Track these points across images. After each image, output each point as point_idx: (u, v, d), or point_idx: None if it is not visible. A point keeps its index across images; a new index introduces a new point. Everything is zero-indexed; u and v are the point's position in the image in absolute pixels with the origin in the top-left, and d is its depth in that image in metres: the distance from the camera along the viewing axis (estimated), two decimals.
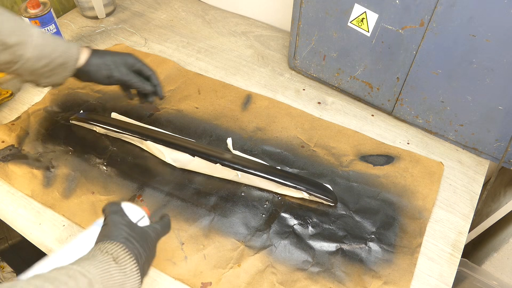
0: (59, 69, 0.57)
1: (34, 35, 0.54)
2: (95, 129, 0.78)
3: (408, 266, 0.62)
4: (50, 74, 0.57)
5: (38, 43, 0.54)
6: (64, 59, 0.56)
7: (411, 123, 0.83)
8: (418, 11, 0.65)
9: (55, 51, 0.55)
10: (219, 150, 0.73)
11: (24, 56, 0.53)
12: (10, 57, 0.52)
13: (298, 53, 0.88)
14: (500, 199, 0.82)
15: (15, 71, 0.55)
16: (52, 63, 0.56)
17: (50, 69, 0.56)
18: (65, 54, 0.56)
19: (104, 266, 0.41)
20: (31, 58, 0.54)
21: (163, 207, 0.69)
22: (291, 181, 0.67)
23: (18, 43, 0.52)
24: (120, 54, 0.64)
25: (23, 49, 0.53)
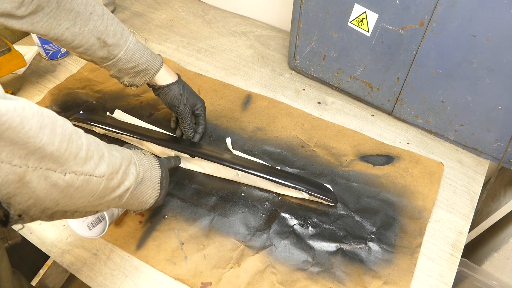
0: (142, 73, 0.66)
1: (129, 41, 0.63)
2: (95, 129, 0.78)
3: (408, 266, 0.62)
4: (133, 76, 0.66)
5: (130, 48, 0.63)
6: (147, 66, 0.65)
7: (411, 123, 0.83)
8: (418, 11, 0.65)
9: (142, 58, 0.65)
10: (219, 150, 0.73)
11: (117, 56, 0.63)
12: (106, 54, 0.62)
13: (298, 53, 0.88)
14: (500, 199, 0.82)
15: (107, 66, 0.65)
16: (137, 67, 0.65)
17: (135, 72, 0.66)
18: (148, 62, 0.65)
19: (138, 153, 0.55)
20: (122, 59, 0.63)
21: (163, 207, 0.69)
22: (290, 181, 0.67)
23: (115, 44, 0.61)
24: (195, 95, 0.74)
25: (118, 50, 0.62)
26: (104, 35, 0.60)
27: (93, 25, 0.59)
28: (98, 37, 0.59)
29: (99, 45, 0.60)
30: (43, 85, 0.90)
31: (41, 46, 0.92)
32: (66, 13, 0.56)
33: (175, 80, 0.70)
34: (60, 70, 0.93)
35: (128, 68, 0.65)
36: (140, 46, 0.65)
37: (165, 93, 0.69)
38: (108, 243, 0.65)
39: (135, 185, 0.50)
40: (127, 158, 0.48)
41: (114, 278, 0.62)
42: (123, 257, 0.64)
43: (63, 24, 0.56)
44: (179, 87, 0.70)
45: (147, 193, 0.55)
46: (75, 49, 0.60)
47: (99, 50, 0.61)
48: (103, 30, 0.59)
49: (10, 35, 0.98)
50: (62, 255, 0.64)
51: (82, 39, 0.59)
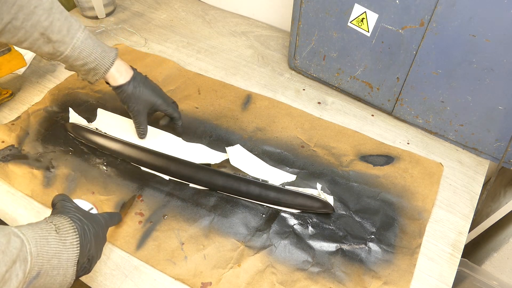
0: (92, 72, 0.64)
1: (76, 38, 0.60)
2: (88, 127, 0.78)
3: (407, 266, 0.62)
4: (85, 73, 0.65)
5: (77, 46, 0.60)
6: (96, 65, 0.63)
7: (411, 123, 0.83)
8: (418, 11, 0.65)
9: (90, 56, 0.62)
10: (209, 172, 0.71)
11: (63, 53, 0.60)
12: (52, 50, 0.60)
13: (298, 53, 0.88)
14: (500, 199, 0.82)
15: (58, 61, 0.63)
16: (86, 65, 0.63)
17: (85, 70, 0.64)
18: (97, 61, 0.63)
19: (43, 233, 0.44)
20: (70, 56, 0.61)
21: (163, 207, 0.69)
22: (283, 205, 0.68)
23: (60, 41, 0.59)
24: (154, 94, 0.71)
25: (64, 47, 0.59)
26: (48, 31, 0.57)
27: (36, 20, 0.56)
28: (41, 33, 0.57)
29: (43, 40, 0.58)
30: (43, 85, 0.90)
31: None
32: (8, 6, 0.53)
33: (127, 81, 0.67)
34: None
35: (78, 66, 0.62)
36: (89, 43, 0.61)
37: (117, 93, 0.68)
38: (108, 243, 0.65)
39: (25, 284, 0.41)
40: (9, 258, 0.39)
41: (114, 278, 0.62)
42: (123, 257, 0.64)
43: (5, 17, 0.54)
44: (130, 87, 0.67)
45: (53, 284, 0.45)
46: (19, 44, 0.58)
47: (44, 45, 0.58)
48: (48, 25, 0.56)
49: None
50: None
51: (24, 34, 0.56)
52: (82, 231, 0.48)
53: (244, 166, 0.72)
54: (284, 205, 0.68)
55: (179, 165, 0.72)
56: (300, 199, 0.68)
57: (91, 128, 0.78)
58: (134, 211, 0.68)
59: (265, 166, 0.74)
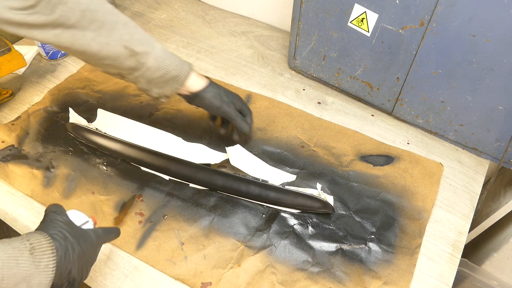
0: (172, 81, 0.63)
1: (156, 48, 0.60)
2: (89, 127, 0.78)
3: (407, 266, 0.62)
4: (163, 85, 0.63)
5: (159, 55, 0.60)
6: (177, 72, 0.63)
7: (411, 123, 0.83)
8: (418, 11, 0.65)
9: (171, 64, 0.62)
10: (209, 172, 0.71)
11: (146, 64, 0.60)
12: (134, 63, 0.59)
13: (298, 53, 0.88)
14: (500, 199, 0.82)
15: (135, 78, 0.62)
16: (167, 74, 0.62)
17: (164, 80, 0.62)
18: (178, 68, 0.62)
19: (14, 252, 0.40)
20: (151, 67, 0.60)
21: (163, 207, 0.69)
22: (283, 205, 0.68)
23: (143, 52, 0.59)
24: (230, 91, 0.71)
25: (146, 58, 0.59)
26: (131, 43, 0.57)
27: (118, 34, 0.57)
28: (125, 46, 0.57)
29: (127, 54, 0.58)
30: (43, 85, 0.90)
31: (41, 46, 0.92)
32: (90, 23, 0.54)
33: (209, 82, 0.67)
34: (60, 70, 0.93)
35: (157, 77, 0.62)
36: (168, 53, 0.62)
37: (202, 97, 0.66)
38: (108, 243, 0.65)
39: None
40: None
41: (114, 278, 0.62)
42: (123, 257, 0.64)
43: (88, 35, 0.54)
44: (214, 87, 0.67)
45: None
46: (102, 61, 0.58)
47: (127, 59, 0.59)
48: (129, 38, 0.57)
49: (10, 35, 0.98)
50: None
51: (109, 49, 0.57)
52: (63, 251, 0.44)
53: (244, 166, 0.72)
54: (284, 205, 0.68)
55: (179, 165, 0.72)
56: (300, 199, 0.68)
57: (91, 128, 0.78)
58: (134, 211, 0.68)
59: (265, 166, 0.73)
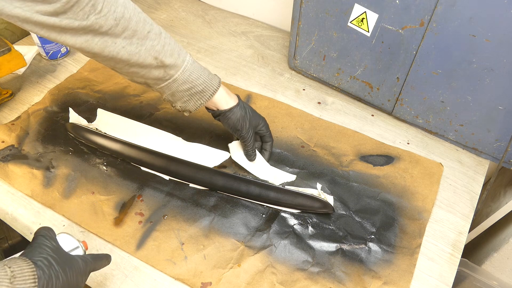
0: (197, 95, 0.62)
1: (186, 61, 0.60)
2: (89, 127, 0.78)
3: (407, 266, 0.62)
4: (188, 99, 0.62)
5: (187, 68, 0.60)
6: (204, 87, 0.61)
7: (411, 123, 0.83)
8: (418, 11, 0.65)
9: (199, 78, 0.61)
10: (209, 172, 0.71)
11: (173, 76, 0.59)
12: (162, 74, 0.59)
13: (298, 53, 0.88)
14: (500, 199, 0.82)
15: (160, 88, 0.61)
16: (193, 88, 0.61)
17: (190, 94, 0.61)
18: (206, 83, 0.61)
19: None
20: (178, 79, 0.59)
21: (163, 207, 0.69)
22: (283, 205, 0.68)
23: (172, 64, 0.58)
24: (257, 115, 0.70)
25: (175, 70, 0.59)
26: (162, 54, 0.56)
27: (150, 44, 0.56)
28: (155, 57, 0.56)
29: (156, 64, 0.57)
30: (43, 85, 0.90)
31: (41, 46, 0.92)
32: (123, 31, 0.53)
33: (237, 103, 0.65)
34: (60, 70, 0.93)
35: (183, 90, 0.61)
36: (197, 66, 0.61)
37: (227, 117, 0.65)
38: (108, 243, 0.65)
39: None
40: None
41: (114, 278, 0.62)
42: (123, 257, 0.64)
43: (119, 42, 0.53)
44: (241, 110, 0.65)
45: None
46: (130, 68, 0.57)
47: (155, 70, 0.58)
48: (160, 49, 0.56)
49: (10, 35, 0.98)
50: None
51: (138, 59, 0.55)
52: (46, 280, 0.42)
53: (244, 162, 0.72)
54: (284, 205, 0.68)
55: (179, 165, 0.72)
56: (300, 199, 0.68)
57: (91, 128, 0.78)
58: (134, 211, 0.68)
59: (265, 164, 0.73)
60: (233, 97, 0.66)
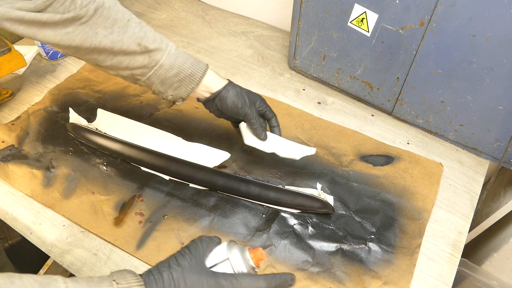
0: (187, 80, 0.60)
1: (169, 46, 0.59)
2: (90, 127, 0.78)
3: (407, 266, 0.62)
4: (178, 85, 0.61)
5: (172, 53, 0.59)
6: (192, 70, 0.60)
7: (411, 123, 0.83)
8: (418, 11, 0.65)
9: (186, 62, 0.60)
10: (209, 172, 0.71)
11: (159, 61, 0.58)
12: (147, 60, 0.58)
13: (298, 53, 0.88)
14: (500, 199, 0.82)
15: (148, 79, 0.60)
16: (181, 73, 0.60)
17: (179, 79, 0.60)
18: (193, 66, 0.60)
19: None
20: (165, 64, 0.58)
21: (163, 207, 0.69)
22: (283, 205, 0.68)
23: (157, 49, 0.58)
24: (252, 92, 0.67)
25: (160, 55, 0.58)
26: (144, 40, 0.56)
27: (132, 32, 0.56)
28: (138, 43, 0.56)
29: (140, 51, 0.57)
30: (43, 85, 0.90)
31: (41, 46, 0.92)
32: (103, 20, 0.53)
33: (228, 81, 0.64)
34: (60, 70, 0.94)
35: (171, 76, 0.59)
36: (181, 52, 0.61)
37: (223, 98, 0.63)
38: (108, 243, 0.65)
39: None
40: None
41: None
42: (123, 257, 0.64)
43: (100, 32, 0.53)
44: (235, 87, 0.64)
45: None
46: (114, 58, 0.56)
47: (140, 56, 0.57)
48: (143, 35, 0.56)
49: (10, 35, 0.98)
50: (62, 255, 0.64)
51: (122, 45, 0.55)
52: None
53: (259, 144, 0.67)
54: (284, 205, 0.68)
55: (179, 165, 0.72)
56: (300, 199, 0.68)
57: (91, 128, 0.78)
58: (134, 211, 0.68)
59: (280, 139, 0.69)
60: (223, 78, 0.64)
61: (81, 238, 0.65)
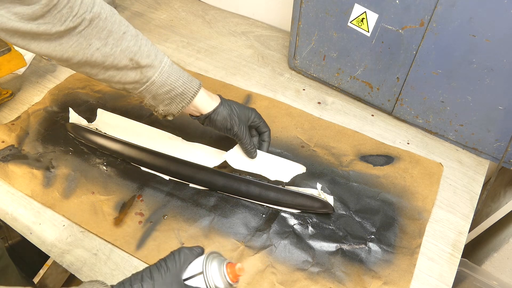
0: (178, 98, 0.60)
1: (163, 62, 0.58)
2: (90, 127, 0.78)
3: (407, 266, 0.62)
4: (169, 102, 0.60)
5: (165, 70, 0.58)
6: (184, 89, 0.59)
7: (411, 123, 0.83)
8: (418, 11, 0.65)
9: (178, 80, 0.59)
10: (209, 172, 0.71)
11: (151, 78, 0.57)
12: (139, 76, 0.57)
13: (298, 53, 0.88)
14: (500, 199, 0.82)
15: (140, 93, 0.59)
16: (173, 91, 0.59)
17: (171, 97, 0.59)
18: (185, 85, 0.59)
19: None
20: (156, 81, 0.58)
21: (163, 207, 0.69)
22: (283, 205, 0.68)
23: (149, 65, 0.56)
24: (245, 108, 0.66)
25: (152, 71, 0.57)
26: (138, 55, 0.55)
27: (126, 45, 0.54)
28: (130, 58, 0.55)
29: (131, 66, 0.56)
30: (43, 85, 0.90)
31: None
32: (98, 31, 0.52)
33: (219, 102, 0.63)
34: (60, 70, 0.94)
35: (163, 93, 0.59)
36: (176, 68, 0.59)
37: (213, 120, 0.63)
38: (108, 243, 0.65)
39: None
40: None
41: (114, 278, 0.61)
42: (123, 257, 0.64)
43: (94, 43, 0.52)
44: (226, 108, 0.63)
45: None
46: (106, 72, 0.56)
47: (131, 72, 0.56)
48: (137, 50, 0.55)
49: None
50: (62, 255, 0.64)
51: (113, 60, 0.54)
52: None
53: (247, 165, 0.69)
54: (284, 205, 0.68)
55: (179, 165, 0.72)
56: (300, 199, 0.68)
57: (91, 128, 0.78)
58: (134, 211, 0.68)
59: (270, 158, 0.70)
60: (214, 98, 0.64)
61: (81, 238, 0.66)
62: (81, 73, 0.57)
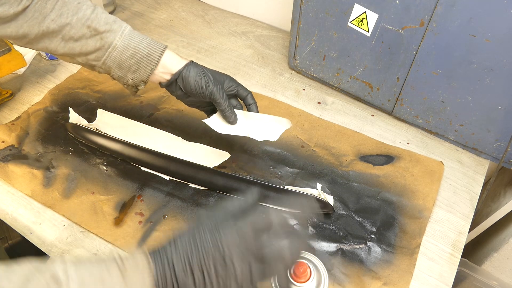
0: (144, 61, 0.58)
1: (123, 27, 0.57)
2: (90, 127, 0.78)
3: (407, 267, 0.62)
4: (136, 68, 0.58)
5: (126, 33, 0.57)
6: (149, 50, 0.58)
7: (411, 123, 0.83)
8: (418, 11, 0.65)
9: (141, 42, 0.57)
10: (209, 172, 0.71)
11: (112, 43, 0.56)
12: (99, 43, 0.55)
13: (298, 53, 0.88)
14: (500, 199, 0.82)
15: (104, 64, 0.58)
16: (137, 53, 0.57)
17: (136, 61, 0.58)
18: (150, 46, 0.58)
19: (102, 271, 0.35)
20: (118, 46, 0.56)
21: (163, 207, 0.69)
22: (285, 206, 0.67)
23: (108, 30, 0.56)
24: (219, 72, 0.63)
25: (112, 36, 0.56)
26: (95, 22, 0.54)
27: (82, 14, 0.54)
28: (88, 25, 0.54)
29: (89, 34, 0.54)
30: (43, 85, 0.90)
31: None
32: (52, 3, 0.53)
33: (190, 60, 0.61)
34: (60, 70, 0.94)
35: (127, 58, 0.57)
36: (137, 33, 0.58)
37: (185, 77, 0.59)
38: (108, 243, 0.65)
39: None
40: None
41: None
42: None
43: (49, 15, 0.52)
44: (197, 66, 0.60)
45: None
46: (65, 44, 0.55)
47: (91, 40, 0.55)
48: (94, 17, 0.55)
49: None
50: (62, 255, 0.64)
51: (70, 29, 0.54)
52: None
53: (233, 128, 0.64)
54: (284, 205, 0.68)
55: (179, 165, 0.72)
56: (303, 196, 0.67)
57: (91, 128, 0.78)
58: (134, 211, 0.68)
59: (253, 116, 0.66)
60: (185, 58, 0.61)
61: (81, 238, 0.65)
62: (42, 49, 0.57)
